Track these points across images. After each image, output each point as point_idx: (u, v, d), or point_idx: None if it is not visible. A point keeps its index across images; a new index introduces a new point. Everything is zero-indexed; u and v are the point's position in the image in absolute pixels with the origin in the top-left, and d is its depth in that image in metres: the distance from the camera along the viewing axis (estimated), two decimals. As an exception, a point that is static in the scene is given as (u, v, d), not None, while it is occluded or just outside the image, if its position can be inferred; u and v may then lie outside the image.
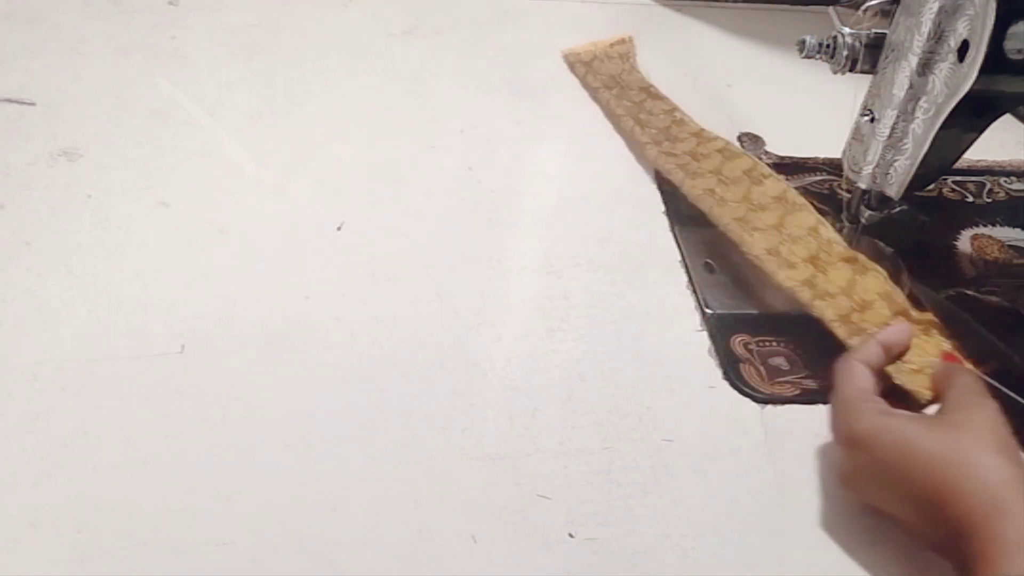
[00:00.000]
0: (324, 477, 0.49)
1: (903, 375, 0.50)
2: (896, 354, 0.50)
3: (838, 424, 0.47)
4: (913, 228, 0.60)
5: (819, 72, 0.59)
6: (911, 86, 0.54)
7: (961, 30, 0.50)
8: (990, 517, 0.40)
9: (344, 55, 0.80)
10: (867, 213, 0.59)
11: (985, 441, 0.43)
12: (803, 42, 0.57)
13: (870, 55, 0.56)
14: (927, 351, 0.51)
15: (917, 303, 0.55)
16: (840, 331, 0.54)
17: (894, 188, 0.57)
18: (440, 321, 0.58)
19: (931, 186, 0.67)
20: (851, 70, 0.56)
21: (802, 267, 0.57)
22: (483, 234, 0.64)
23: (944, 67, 0.52)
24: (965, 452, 0.42)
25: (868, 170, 0.58)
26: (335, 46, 0.81)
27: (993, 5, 0.47)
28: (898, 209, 0.58)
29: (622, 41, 0.84)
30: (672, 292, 0.61)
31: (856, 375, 0.48)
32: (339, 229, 0.63)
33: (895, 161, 0.56)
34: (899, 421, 0.45)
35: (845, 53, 0.56)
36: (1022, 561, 0.38)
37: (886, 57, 0.55)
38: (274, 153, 0.69)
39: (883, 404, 0.47)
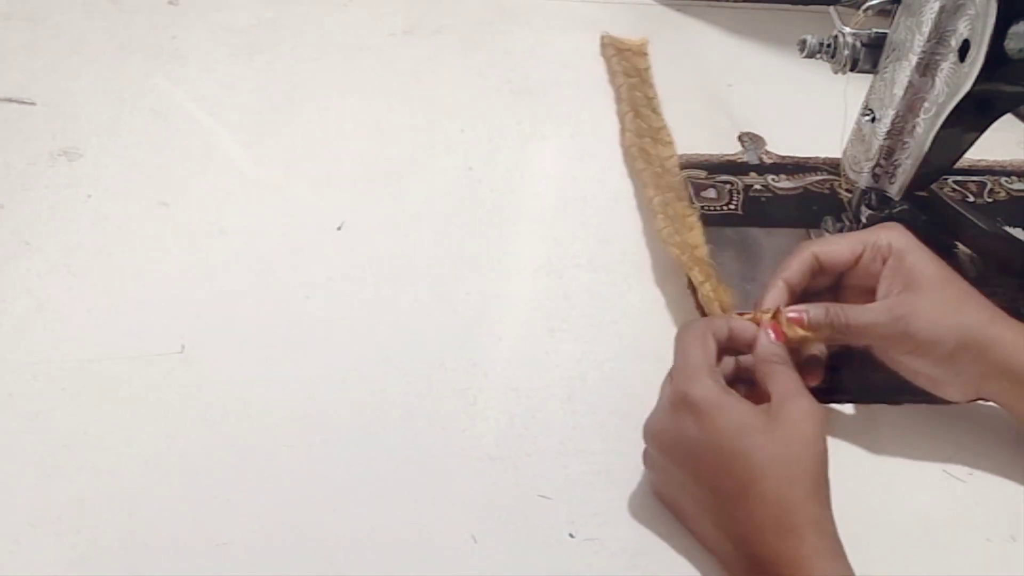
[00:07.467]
0: (324, 477, 0.49)
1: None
2: (739, 345, 0.48)
3: (676, 383, 0.45)
4: (914, 228, 0.59)
5: (820, 72, 0.59)
6: (912, 86, 0.54)
7: (962, 30, 0.50)
8: (784, 531, 0.41)
9: (344, 55, 0.80)
10: (868, 213, 0.59)
11: (800, 463, 0.43)
12: (804, 42, 0.57)
13: (871, 55, 0.56)
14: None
15: None
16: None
17: (895, 188, 0.57)
18: (440, 321, 0.58)
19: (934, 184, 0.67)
20: (852, 70, 0.56)
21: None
22: (483, 234, 0.64)
23: (945, 67, 0.52)
24: (783, 457, 0.42)
25: (868, 170, 0.57)
26: (335, 46, 0.81)
27: (994, 5, 0.47)
28: (899, 209, 0.58)
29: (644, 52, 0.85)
30: (672, 292, 0.61)
31: (707, 343, 0.46)
32: (339, 229, 0.63)
33: (896, 161, 0.56)
34: (737, 403, 0.44)
35: (846, 53, 0.56)
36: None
37: (887, 57, 0.55)
38: (274, 153, 0.69)
39: (723, 382, 0.45)
